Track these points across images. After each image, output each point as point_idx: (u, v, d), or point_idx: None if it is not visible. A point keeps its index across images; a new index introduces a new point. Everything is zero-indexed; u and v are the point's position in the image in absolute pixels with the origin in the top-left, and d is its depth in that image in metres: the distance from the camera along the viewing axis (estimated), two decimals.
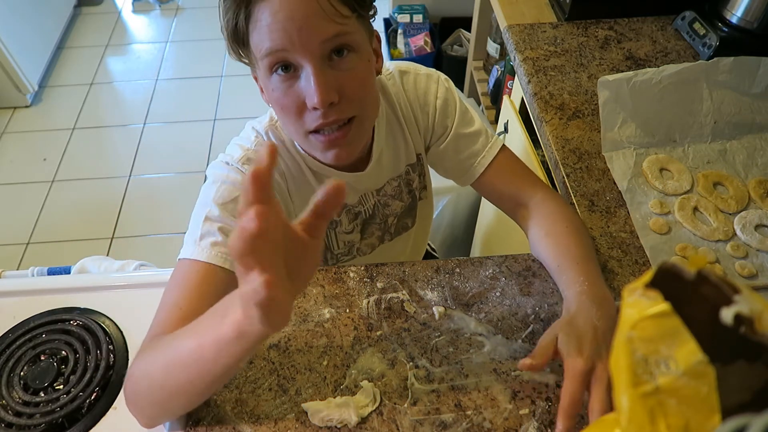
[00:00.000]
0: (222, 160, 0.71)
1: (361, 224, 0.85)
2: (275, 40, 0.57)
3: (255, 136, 0.73)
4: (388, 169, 0.82)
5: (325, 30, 0.58)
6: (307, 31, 0.57)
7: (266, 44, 0.58)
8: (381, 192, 0.83)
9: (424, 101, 0.80)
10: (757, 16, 1.00)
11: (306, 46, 0.57)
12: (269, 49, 0.58)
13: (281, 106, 0.63)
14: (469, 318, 0.70)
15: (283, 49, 0.58)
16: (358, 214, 0.84)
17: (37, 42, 2.44)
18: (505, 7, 1.22)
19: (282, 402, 0.62)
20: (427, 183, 0.91)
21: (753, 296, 0.31)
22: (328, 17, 0.57)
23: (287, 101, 0.62)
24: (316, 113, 0.62)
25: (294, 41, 0.57)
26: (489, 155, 0.80)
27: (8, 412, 0.66)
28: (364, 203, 0.83)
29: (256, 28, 0.58)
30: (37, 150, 2.23)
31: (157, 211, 2.01)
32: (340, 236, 0.85)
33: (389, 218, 0.87)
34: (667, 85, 0.89)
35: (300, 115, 0.63)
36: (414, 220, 0.92)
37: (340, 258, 0.88)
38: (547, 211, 0.75)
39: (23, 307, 0.77)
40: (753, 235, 0.78)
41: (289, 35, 0.56)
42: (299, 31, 0.56)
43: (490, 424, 0.60)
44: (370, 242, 0.89)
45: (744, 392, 0.31)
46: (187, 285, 0.61)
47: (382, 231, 0.89)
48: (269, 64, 0.60)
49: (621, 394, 0.35)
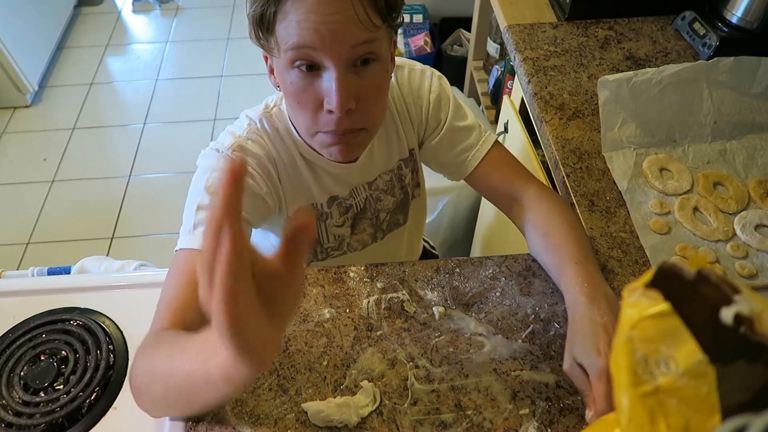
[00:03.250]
0: (212, 148, 0.71)
1: (352, 218, 0.85)
2: (304, 37, 0.57)
3: (248, 124, 0.73)
4: (380, 162, 0.82)
5: (357, 36, 0.57)
6: (339, 33, 0.56)
7: (294, 39, 0.57)
8: (373, 186, 0.84)
9: (417, 95, 0.80)
10: (757, 16, 1.00)
11: (335, 48, 0.57)
12: (296, 44, 0.57)
13: (297, 101, 0.63)
14: (469, 318, 0.70)
15: (311, 47, 0.57)
16: (349, 208, 0.84)
17: (37, 42, 2.44)
18: (505, 7, 1.22)
19: (282, 402, 0.62)
20: (420, 180, 0.91)
21: (753, 296, 0.31)
22: (362, 24, 0.57)
23: (304, 98, 0.62)
24: (330, 117, 0.62)
25: (324, 42, 0.57)
26: (483, 149, 0.81)
27: (8, 412, 0.66)
28: (355, 196, 0.83)
29: (285, 20, 0.57)
30: (37, 150, 2.23)
31: (157, 211, 2.00)
32: (330, 229, 0.85)
33: (381, 213, 0.87)
34: (667, 85, 0.89)
35: (314, 114, 0.63)
36: (406, 217, 0.92)
37: (329, 252, 0.87)
38: (543, 209, 0.75)
39: (23, 307, 0.77)
40: (753, 235, 0.78)
41: (320, 35, 0.56)
42: (331, 33, 0.56)
43: (490, 424, 0.60)
44: (361, 238, 0.88)
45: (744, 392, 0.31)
46: (184, 275, 0.61)
47: (374, 228, 0.88)
48: (292, 58, 0.59)
49: (621, 394, 0.35)
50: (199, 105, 2.41)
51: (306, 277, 0.74)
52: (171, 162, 2.18)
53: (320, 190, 0.79)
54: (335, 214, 0.83)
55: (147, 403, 0.56)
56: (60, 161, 2.18)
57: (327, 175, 0.78)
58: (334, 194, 0.81)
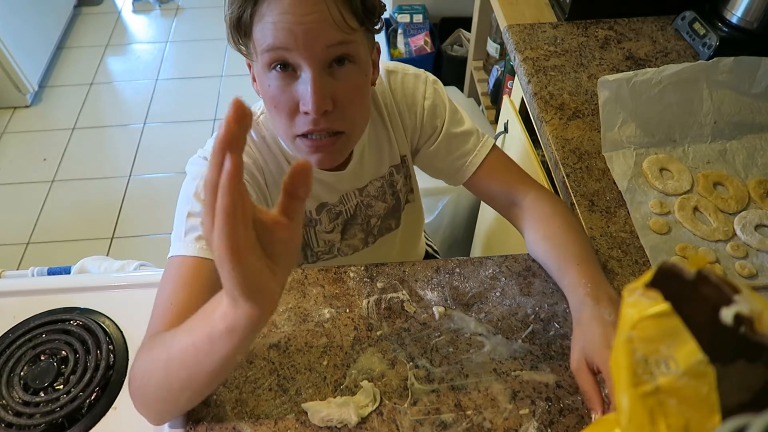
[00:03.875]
0: (200, 155, 0.71)
1: (342, 224, 0.85)
2: (279, 38, 0.57)
3: None
4: (370, 169, 0.81)
5: (331, 36, 0.58)
6: (313, 34, 0.57)
7: (269, 40, 0.58)
8: (364, 192, 0.83)
9: (411, 101, 0.80)
10: (757, 16, 1.00)
11: (309, 48, 0.57)
12: (271, 46, 0.58)
13: (275, 104, 0.63)
14: (469, 318, 0.70)
15: (286, 48, 0.58)
16: (339, 214, 0.83)
17: (37, 42, 2.44)
18: (505, 7, 1.22)
19: (282, 402, 0.62)
20: (413, 186, 0.91)
21: (753, 296, 0.31)
22: (336, 26, 0.57)
23: (281, 100, 0.62)
24: (307, 118, 0.62)
25: (298, 42, 0.57)
26: (481, 154, 0.80)
27: (8, 412, 0.66)
28: (346, 203, 0.82)
29: (261, 22, 0.58)
30: (37, 150, 2.23)
31: (157, 211, 2.01)
32: (319, 235, 0.84)
33: (372, 219, 0.87)
34: (667, 85, 0.89)
35: (291, 117, 0.63)
36: (398, 222, 0.92)
37: (320, 256, 0.87)
38: (542, 212, 0.75)
39: (23, 307, 0.77)
40: (753, 235, 0.78)
41: (294, 35, 0.56)
42: (305, 33, 0.56)
43: (490, 424, 0.60)
44: (351, 243, 0.88)
45: (744, 392, 0.31)
46: (178, 281, 0.61)
47: (365, 233, 0.88)
48: (269, 61, 0.60)
49: (621, 394, 0.35)
50: (199, 105, 2.41)
51: (306, 276, 0.74)
52: (171, 162, 2.18)
53: (309, 197, 0.79)
54: (324, 221, 0.83)
55: (146, 401, 0.56)
56: (60, 161, 2.18)
57: (316, 183, 0.78)
58: (323, 201, 0.81)
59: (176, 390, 0.53)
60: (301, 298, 0.72)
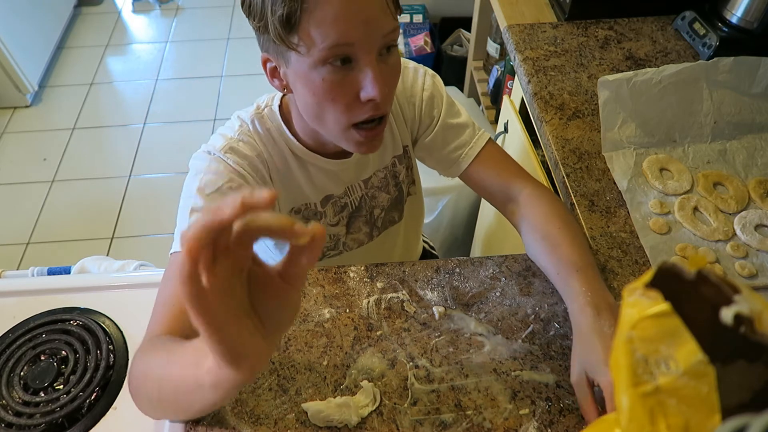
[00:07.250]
0: (203, 150, 0.71)
1: (348, 217, 0.85)
2: (342, 33, 0.57)
3: (239, 125, 0.73)
4: (373, 159, 0.82)
5: (388, 24, 0.59)
6: (373, 25, 0.58)
7: (331, 37, 0.57)
8: (368, 184, 0.84)
9: (411, 93, 0.81)
10: (757, 16, 1.00)
11: (370, 40, 0.58)
12: (335, 42, 0.57)
13: (331, 97, 0.62)
14: (469, 318, 0.70)
15: (349, 43, 0.58)
16: (344, 207, 0.84)
17: (37, 42, 2.44)
18: (505, 7, 1.22)
19: (282, 402, 0.62)
20: (415, 177, 0.92)
21: (753, 296, 0.31)
22: (391, 15, 0.59)
23: (338, 92, 0.61)
24: (368, 105, 0.62)
25: (360, 35, 0.57)
26: (476, 146, 0.81)
27: (8, 412, 0.66)
28: (351, 194, 0.83)
29: (314, 19, 0.56)
30: (37, 150, 2.23)
31: (157, 211, 2.00)
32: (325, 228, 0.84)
33: (375, 210, 0.87)
34: (667, 85, 0.89)
35: (349, 107, 0.63)
36: (401, 215, 0.92)
37: (326, 252, 0.87)
38: (540, 210, 0.75)
39: (23, 307, 0.77)
40: (753, 235, 0.78)
41: (356, 29, 0.57)
42: (365, 25, 0.57)
43: (490, 424, 0.60)
44: (356, 237, 0.88)
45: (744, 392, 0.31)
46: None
47: (369, 226, 0.88)
48: (327, 56, 0.58)
49: (621, 394, 0.35)
50: (199, 105, 2.41)
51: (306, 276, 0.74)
52: (171, 162, 2.18)
53: (314, 189, 0.79)
54: (329, 214, 0.83)
55: (144, 405, 0.56)
56: (60, 161, 2.18)
57: (321, 173, 0.78)
58: (328, 193, 0.81)
59: (170, 411, 0.53)
60: (302, 298, 0.72)
